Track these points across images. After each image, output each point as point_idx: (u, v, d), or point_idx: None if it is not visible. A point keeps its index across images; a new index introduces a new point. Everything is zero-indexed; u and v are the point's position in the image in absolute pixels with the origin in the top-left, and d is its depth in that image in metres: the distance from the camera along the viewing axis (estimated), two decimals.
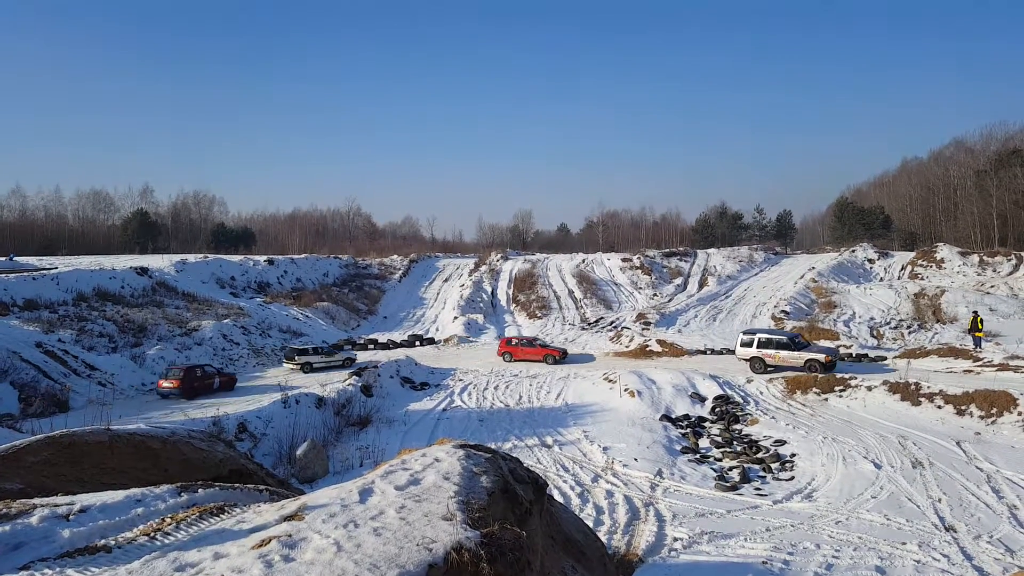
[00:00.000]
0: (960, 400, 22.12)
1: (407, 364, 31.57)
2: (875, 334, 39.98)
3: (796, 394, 25.80)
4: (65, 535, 4.64)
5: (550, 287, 54.61)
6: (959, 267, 52.49)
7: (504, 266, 60.96)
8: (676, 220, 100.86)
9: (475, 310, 49.05)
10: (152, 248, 71.61)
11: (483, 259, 64.64)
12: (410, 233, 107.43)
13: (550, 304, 50.70)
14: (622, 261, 59.87)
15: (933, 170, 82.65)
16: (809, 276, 52.91)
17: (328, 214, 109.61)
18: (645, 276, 56.30)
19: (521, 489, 6.03)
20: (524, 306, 50.77)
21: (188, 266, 46.50)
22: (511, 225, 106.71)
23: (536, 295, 52.61)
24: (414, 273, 61.86)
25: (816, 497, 16.05)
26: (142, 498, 5.35)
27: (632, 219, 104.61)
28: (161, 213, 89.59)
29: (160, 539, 4.61)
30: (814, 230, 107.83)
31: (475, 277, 57.24)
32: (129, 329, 32.44)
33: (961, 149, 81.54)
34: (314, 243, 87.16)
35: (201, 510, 5.12)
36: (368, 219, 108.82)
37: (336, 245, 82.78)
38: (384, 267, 63.21)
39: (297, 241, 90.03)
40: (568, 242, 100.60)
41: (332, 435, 21.61)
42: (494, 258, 64.30)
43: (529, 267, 59.65)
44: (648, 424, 22.61)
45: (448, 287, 57.06)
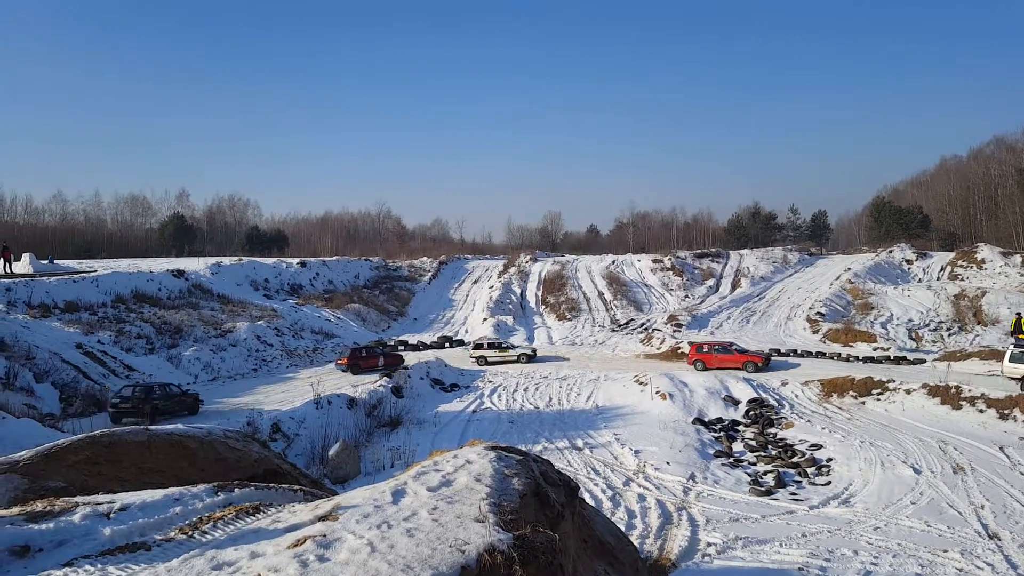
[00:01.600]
0: (1003, 404, 21.49)
1: (437, 365, 31.73)
2: (913, 336, 39.00)
3: (832, 397, 25.30)
4: (106, 533, 4.74)
5: (579, 289, 54.38)
6: (1001, 267, 50.87)
7: (533, 267, 60.88)
8: (708, 221, 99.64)
9: (504, 312, 49.06)
10: (188, 251, 73.14)
11: (512, 260, 64.61)
12: (439, 235, 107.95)
13: (580, 306, 50.48)
14: (652, 262, 59.33)
15: (973, 168, 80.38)
16: (845, 277, 51.81)
17: (359, 216, 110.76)
18: (676, 277, 55.71)
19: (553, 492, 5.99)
20: (553, 308, 50.64)
21: (223, 269, 47.38)
22: (540, 226, 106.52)
23: (566, 297, 52.41)
24: (443, 275, 62.14)
25: (854, 502, 15.71)
26: (180, 497, 5.44)
27: (663, 220, 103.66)
28: (197, 217, 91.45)
29: (198, 537, 4.68)
30: (850, 230, 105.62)
31: (504, 279, 57.26)
32: (166, 331, 33.17)
33: (1002, 147, 79.17)
34: (345, 245, 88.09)
35: (237, 509, 5.19)
36: (398, 221, 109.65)
37: (367, 247, 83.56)
38: (414, 269, 63.61)
39: (329, 243, 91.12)
40: (598, 243, 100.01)
41: (363, 436, 21.81)
42: (523, 259, 64.23)
43: (558, 268, 59.47)
44: (680, 427, 22.37)
45: (477, 289, 57.19)
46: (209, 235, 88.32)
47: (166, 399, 22.63)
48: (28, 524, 4.72)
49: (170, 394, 23.08)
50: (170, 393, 23.14)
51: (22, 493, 6.12)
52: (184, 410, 22.87)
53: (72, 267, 44.52)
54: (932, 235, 73.33)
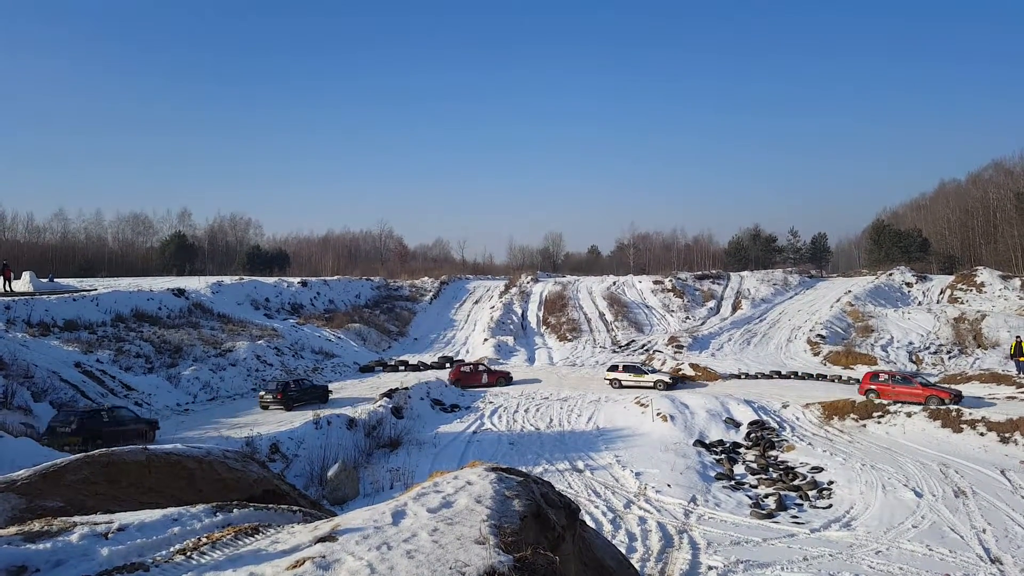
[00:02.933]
0: (1004, 427, 21.42)
1: (437, 386, 31.64)
2: (914, 359, 38.97)
3: (833, 420, 25.20)
4: (104, 553, 4.71)
5: (581, 309, 54.39)
6: (1000, 291, 50.92)
7: (534, 288, 60.96)
8: (708, 243, 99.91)
9: (505, 332, 49.02)
10: (189, 270, 73.26)
11: (513, 281, 64.73)
12: (441, 255, 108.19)
13: (581, 327, 50.46)
14: (654, 284, 59.43)
15: (971, 192, 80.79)
16: (845, 300, 51.86)
17: (360, 236, 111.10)
18: (677, 299, 55.77)
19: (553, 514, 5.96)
20: (555, 328, 50.61)
21: (224, 288, 47.44)
22: (541, 247, 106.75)
23: (567, 317, 52.41)
24: (445, 295, 62.21)
25: (855, 526, 15.59)
26: (178, 517, 5.42)
27: (663, 241, 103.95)
28: (198, 236, 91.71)
29: (196, 558, 4.66)
30: (850, 253, 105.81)
31: (505, 299, 57.30)
32: (165, 350, 33.12)
33: (1000, 171, 79.65)
34: (346, 265, 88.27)
35: (236, 530, 5.16)
36: (399, 241, 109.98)
37: (368, 267, 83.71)
38: (415, 289, 63.70)
39: (330, 263, 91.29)
40: (599, 264, 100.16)
41: (363, 457, 21.68)
42: (524, 280, 64.34)
43: (559, 289, 59.54)
44: (681, 449, 22.25)
45: (478, 309, 57.22)
46: (210, 254, 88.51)
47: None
48: (25, 544, 4.69)
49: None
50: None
51: (19, 513, 6.09)
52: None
53: (72, 285, 44.57)
54: (931, 258, 73.49)
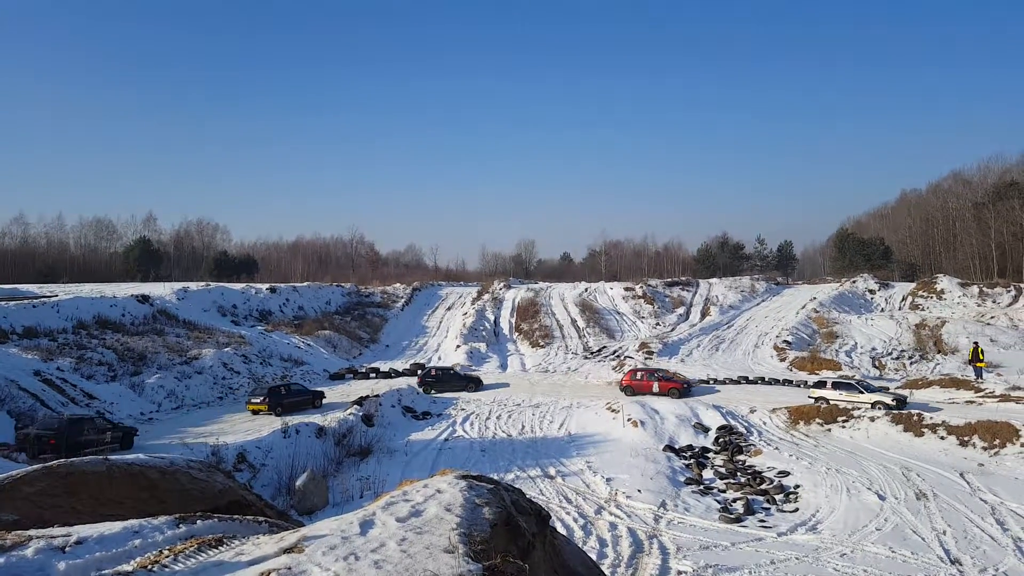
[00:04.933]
0: (963, 431, 22.00)
1: (409, 393, 31.43)
2: (877, 364, 39.83)
3: (799, 424, 25.62)
4: (61, 567, 4.58)
5: (553, 316, 54.55)
6: (959, 298, 52.44)
7: (507, 295, 60.98)
8: (678, 250, 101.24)
9: (478, 339, 48.93)
10: (154, 276, 71.74)
11: (486, 288, 64.67)
12: (413, 261, 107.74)
13: (553, 333, 50.59)
14: (625, 290, 59.89)
15: (932, 202, 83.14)
16: (811, 307, 52.85)
17: (331, 242, 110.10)
18: (648, 305, 56.26)
19: (524, 521, 5.95)
20: (527, 335, 50.66)
21: (190, 294, 46.56)
22: (514, 254, 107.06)
23: (539, 324, 52.51)
24: (417, 301, 61.87)
25: (821, 529, 15.86)
26: (140, 529, 5.29)
27: (634, 248, 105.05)
28: (164, 241, 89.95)
29: (158, 571, 4.55)
30: (815, 261, 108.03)
31: (478, 306, 57.22)
32: (129, 357, 32.37)
33: (959, 181, 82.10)
34: (317, 271, 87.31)
35: (199, 542, 5.06)
36: (371, 247, 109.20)
37: (339, 273, 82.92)
38: (387, 295, 63.23)
39: (300, 269, 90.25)
40: (571, 271, 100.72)
41: (332, 465, 21.41)
42: (497, 287, 64.33)
43: (532, 296, 59.66)
44: (651, 455, 22.42)
45: (451, 316, 57.02)
46: (176, 260, 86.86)
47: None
48: None
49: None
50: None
51: None
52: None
53: (32, 291, 43.34)
54: (894, 266, 75.39)
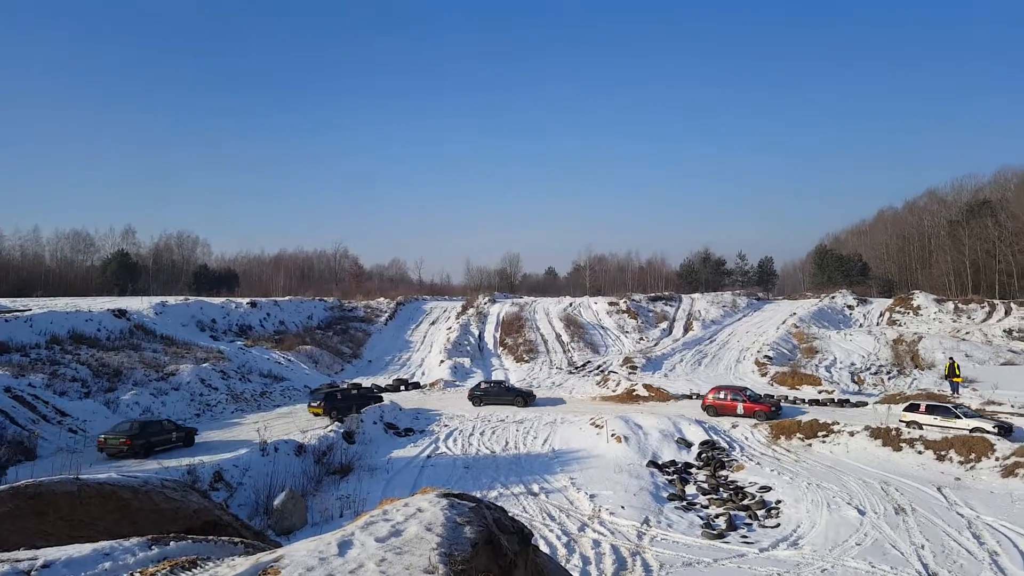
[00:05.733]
0: (940, 446, 22.23)
1: (391, 409, 31.12)
2: (856, 379, 40.21)
3: (780, 439, 25.75)
4: None
5: (537, 330, 54.53)
6: (935, 314, 53.28)
7: (492, 309, 60.90)
8: (661, 265, 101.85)
9: (462, 353, 48.74)
10: (132, 290, 70.67)
11: (471, 302, 64.53)
12: (397, 275, 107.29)
13: (537, 348, 50.54)
14: (609, 305, 60.08)
15: (908, 219, 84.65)
16: (791, 322, 53.36)
17: (314, 256, 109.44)
18: (632, 320, 56.46)
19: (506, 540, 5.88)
20: (511, 350, 50.56)
21: (168, 308, 45.94)
22: (499, 268, 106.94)
23: (524, 338, 52.45)
24: (400, 316, 61.54)
25: (802, 544, 15.88)
26: (110, 552, 5.15)
27: (618, 263, 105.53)
28: (142, 254, 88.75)
29: None
30: (795, 276, 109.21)
31: (462, 320, 57.06)
32: (104, 373, 31.78)
33: (934, 199, 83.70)
34: (299, 285, 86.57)
35: (172, 564, 4.93)
36: (355, 261, 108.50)
37: (322, 287, 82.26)
38: (370, 310, 62.83)
39: (282, 283, 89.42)
40: (556, 285, 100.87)
41: (312, 484, 21.09)
42: (481, 301, 64.24)
43: (517, 310, 59.63)
44: (635, 470, 22.37)
45: (435, 330, 56.77)
46: (155, 274, 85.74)
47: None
48: None
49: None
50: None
51: None
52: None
53: (5, 306, 42.49)
54: (871, 282, 76.47)
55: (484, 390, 35.40)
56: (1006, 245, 64.56)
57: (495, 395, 34.88)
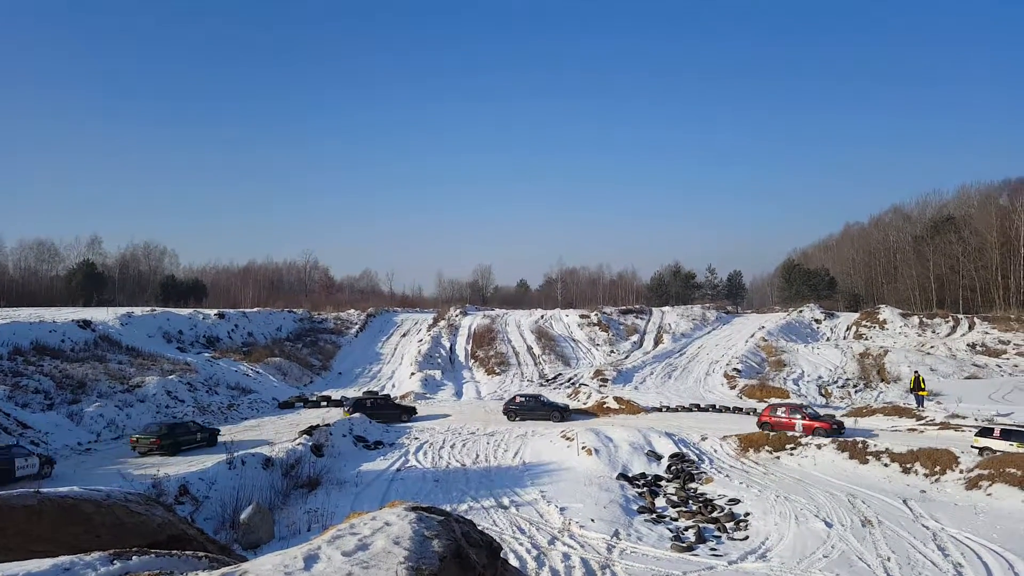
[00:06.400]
0: (905, 458, 22.67)
1: (361, 422, 30.82)
2: (823, 393, 40.94)
3: (749, 452, 26.04)
4: None
5: (509, 343, 54.56)
6: (901, 328, 54.55)
7: (463, 321, 60.81)
8: (632, 278, 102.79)
9: (433, 366, 48.54)
10: (97, 301, 69.08)
11: (442, 314, 64.39)
12: (368, 287, 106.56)
13: (509, 360, 50.55)
14: (580, 318, 60.41)
15: (874, 235, 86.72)
16: (759, 335, 54.17)
17: (284, 267, 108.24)
18: (602, 333, 56.82)
19: (474, 553, 5.89)
20: (483, 362, 50.50)
21: (134, 319, 45.06)
22: (471, 280, 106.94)
23: (495, 351, 52.44)
24: (371, 328, 61.12)
25: (770, 557, 16.06)
26: (71, 567, 5.04)
27: (590, 276, 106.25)
28: (109, 264, 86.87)
29: None
30: (763, 290, 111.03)
31: (434, 332, 56.87)
32: (67, 385, 31.03)
33: (899, 215, 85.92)
34: (268, 296, 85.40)
35: None
36: (325, 272, 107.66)
37: (291, 299, 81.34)
38: (340, 321, 62.28)
39: (251, 294, 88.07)
40: (527, 298, 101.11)
41: (279, 498, 20.76)
42: (453, 313, 64.13)
43: (488, 323, 59.63)
44: (605, 483, 22.44)
45: (406, 342, 56.47)
46: (121, 284, 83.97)
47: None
48: None
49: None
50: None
51: None
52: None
53: None
54: (838, 296, 78.03)
55: (519, 404, 34.73)
56: (969, 261, 66.49)
57: (531, 409, 33.98)
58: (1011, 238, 64.66)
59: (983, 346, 48.75)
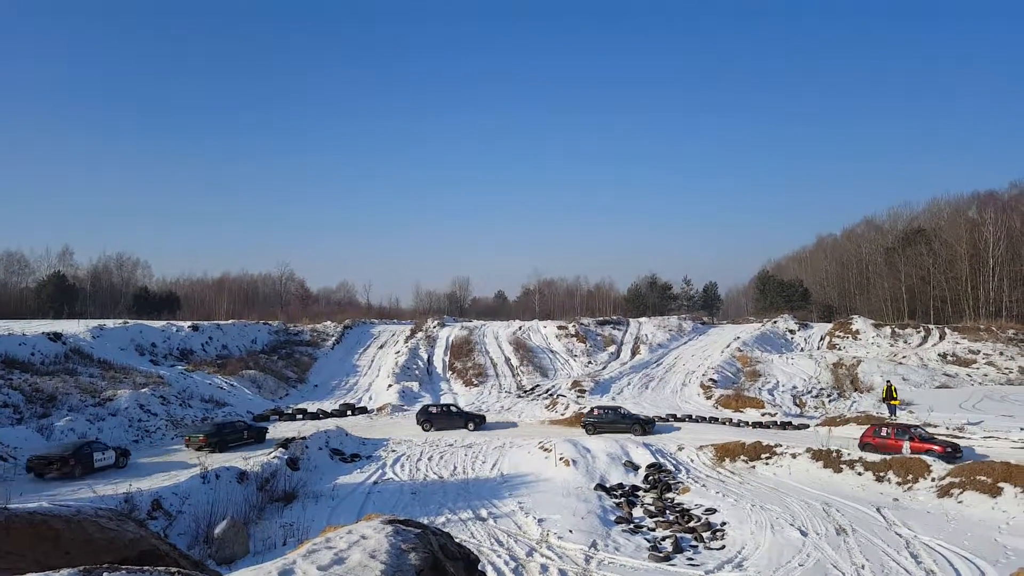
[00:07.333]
0: (879, 467, 23.02)
1: (337, 435, 30.51)
2: (798, 402, 41.43)
3: (725, 462, 26.26)
4: None
5: (487, 354, 54.47)
6: (873, 338, 55.48)
7: (441, 333, 60.60)
8: (609, 289, 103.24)
9: (410, 377, 48.26)
10: (68, 313, 67.70)
11: (419, 325, 64.08)
12: (345, 299, 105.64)
13: (487, 371, 50.45)
14: (558, 329, 60.53)
15: (847, 246, 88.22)
16: (735, 346, 54.73)
17: (259, 279, 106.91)
18: (580, 344, 56.99)
19: (451, 566, 5.89)
20: (461, 373, 50.34)
21: (106, 332, 44.24)
22: (449, 292, 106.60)
23: (473, 362, 52.31)
24: (348, 340, 60.62)
25: (746, 566, 16.19)
26: None
27: (567, 287, 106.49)
28: (80, 276, 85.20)
29: None
30: (738, 301, 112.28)
31: (411, 344, 56.57)
32: (37, 399, 30.34)
33: (871, 227, 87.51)
34: (243, 308, 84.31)
35: None
36: (301, 284, 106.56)
37: (266, 311, 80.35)
38: (316, 333, 61.67)
39: (225, 306, 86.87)
40: (505, 309, 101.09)
41: (254, 512, 20.48)
42: (431, 325, 63.88)
43: (466, 334, 59.49)
44: (583, 494, 22.48)
45: (383, 354, 56.09)
46: (93, 296, 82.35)
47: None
48: None
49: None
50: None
51: None
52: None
53: None
54: (812, 307, 79.18)
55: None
56: (940, 272, 67.91)
57: (610, 422, 32.64)
58: (980, 250, 66.18)
59: (954, 356, 49.75)
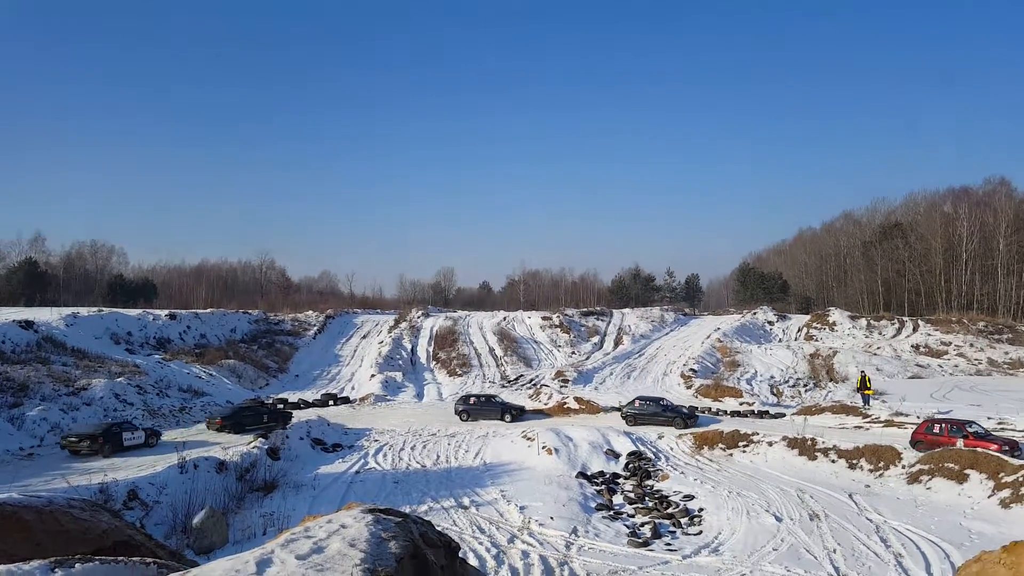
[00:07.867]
0: (851, 455, 23.46)
1: (319, 425, 30.37)
2: (775, 392, 42.00)
3: (704, 449, 26.57)
4: None
5: (471, 344, 54.48)
6: (849, 330, 56.34)
7: (425, 323, 60.46)
8: (594, 280, 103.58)
9: (394, 368, 48.13)
10: (40, 300, 66.44)
11: (403, 315, 63.85)
12: (328, 288, 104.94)
13: (471, 361, 50.48)
14: (542, 319, 60.68)
15: (825, 240, 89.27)
16: (715, 336, 55.28)
17: (239, 267, 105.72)
18: (564, 334, 57.20)
19: (432, 554, 5.88)
20: (445, 364, 50.31)
21: (80, 320, 43.54)
22: (433, 282, 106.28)
23: (457, 352, 52.30)
24: (330, 329, 60.26)
25: (722, 551, 16.44)
26: None
27: (552, 278, 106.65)
28: (53, 263, 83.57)
29: None
30: (719, 293, 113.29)
31: (395, 334, 56.39)
32: (8, 388, 29.82)
33: (850, 221, 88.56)
34: (222, 297, 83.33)
35: None
36: (282, 273, 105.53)
37: (246, 299, 79.51)
38: (298, 323, 61.23)
39: (203, 295, 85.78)
40: (490, 300, 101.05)
41: (234, 502, 20.34)
42: (415, 315, 63.68)
43: (451, 324, 59.42)
44: (564, 482, 22.63)
45: (366, 344, 55.85)
46: (66, 283, 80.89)
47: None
48: None
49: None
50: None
51: None
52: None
53: None
54: (791, 299, 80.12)
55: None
56: (915, 265, 69.05)
57: (651, 415, 31.64)
58: (954, 244, 67.35)
59: (926, 347, 50.72)
